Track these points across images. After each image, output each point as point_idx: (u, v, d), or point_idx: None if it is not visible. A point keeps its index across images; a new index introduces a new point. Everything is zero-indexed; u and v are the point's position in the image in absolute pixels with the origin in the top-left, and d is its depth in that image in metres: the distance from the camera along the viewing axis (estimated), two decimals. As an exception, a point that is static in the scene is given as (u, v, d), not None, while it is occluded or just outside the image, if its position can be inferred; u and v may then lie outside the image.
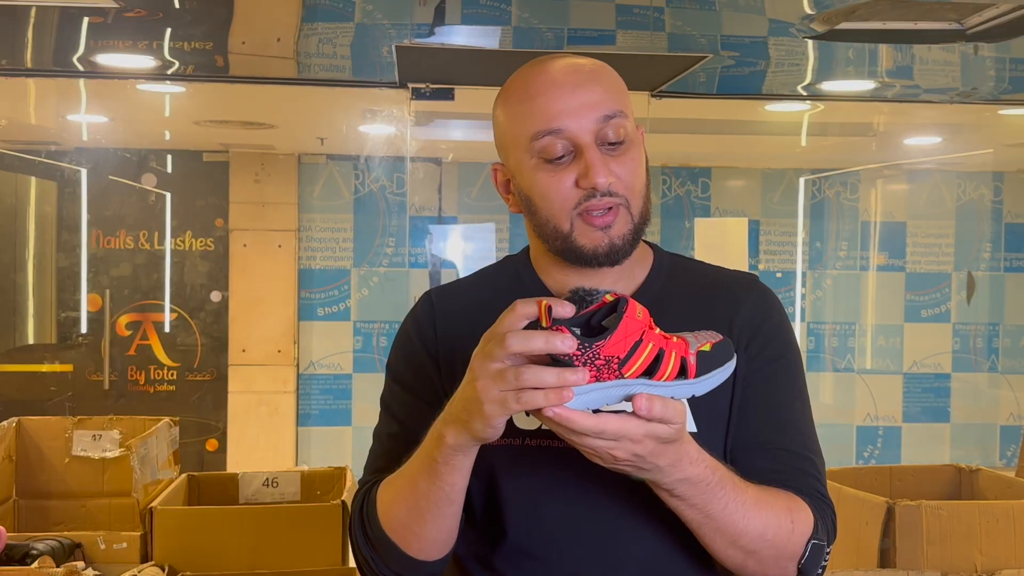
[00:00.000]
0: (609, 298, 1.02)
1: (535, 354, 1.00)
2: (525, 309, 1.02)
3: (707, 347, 1.08)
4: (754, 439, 1.25)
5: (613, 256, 1.23)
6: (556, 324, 1.00)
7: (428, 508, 1.16)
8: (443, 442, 1.10)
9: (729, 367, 1.10)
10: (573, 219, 1.22)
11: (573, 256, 1.24)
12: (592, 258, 1.23)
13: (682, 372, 1.05)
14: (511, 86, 1.27)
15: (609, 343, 1.00)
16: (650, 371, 1.03)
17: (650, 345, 1.02)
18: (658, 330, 1.05)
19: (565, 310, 1.00)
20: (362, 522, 1.24)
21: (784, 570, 1.19)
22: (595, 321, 1.03)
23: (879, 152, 5.65)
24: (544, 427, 1.11)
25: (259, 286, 5.67)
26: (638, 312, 1.02)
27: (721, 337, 1.11)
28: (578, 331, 1.00)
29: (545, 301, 1.01)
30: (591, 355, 1.00)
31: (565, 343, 0.98)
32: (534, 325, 1.02)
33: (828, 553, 1.23)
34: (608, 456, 1.03)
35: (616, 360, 1.00)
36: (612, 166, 1.21)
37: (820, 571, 1.22)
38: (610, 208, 1.21)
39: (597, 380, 1.00)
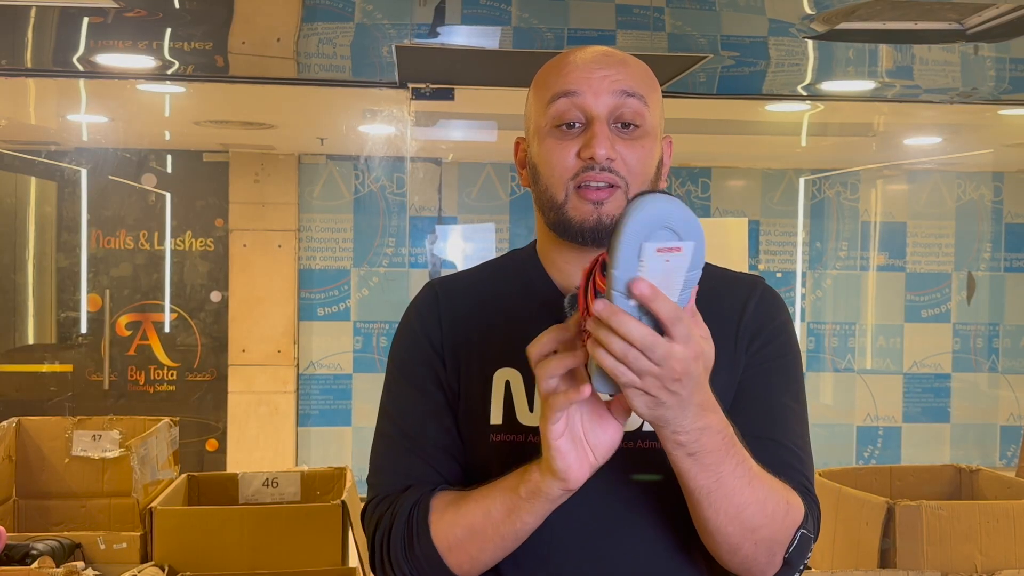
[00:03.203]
0: None
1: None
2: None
3: None
4: (744, 430, 1.23)
5: (599, 233, 1.21)
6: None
7: (516, 543, 1.17)
8: (546, 488, 1.12)
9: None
10: (569, 190, 1.22)
11: (563, 229, 1.24)
12: (579, 232, 1.22)
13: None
14: (547, 64, 1.29)
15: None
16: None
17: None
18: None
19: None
20: (408, 538, 1.20)
21: (773, 558, 1.16)
22: None
23: (879, 152, 5.65)
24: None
25: (259, 286, 5.67)
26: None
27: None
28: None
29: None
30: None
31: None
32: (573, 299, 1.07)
33: (811, 550, 1.21)
34: (644, 369, 0.98)
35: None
36: (619, 146, 1.22)
37: (803, 567, 1.20)
38: (609, 186, 1.21)
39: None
